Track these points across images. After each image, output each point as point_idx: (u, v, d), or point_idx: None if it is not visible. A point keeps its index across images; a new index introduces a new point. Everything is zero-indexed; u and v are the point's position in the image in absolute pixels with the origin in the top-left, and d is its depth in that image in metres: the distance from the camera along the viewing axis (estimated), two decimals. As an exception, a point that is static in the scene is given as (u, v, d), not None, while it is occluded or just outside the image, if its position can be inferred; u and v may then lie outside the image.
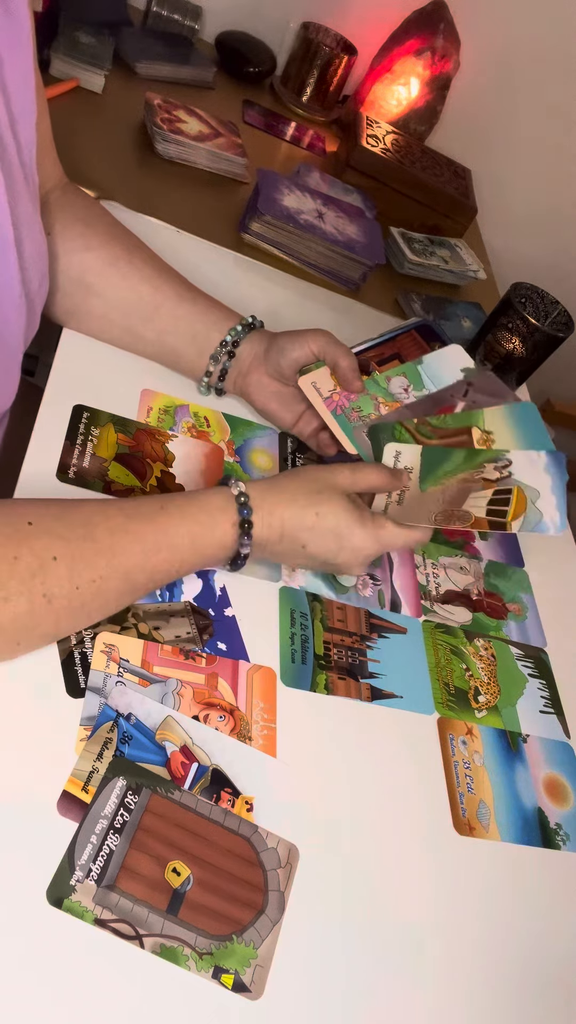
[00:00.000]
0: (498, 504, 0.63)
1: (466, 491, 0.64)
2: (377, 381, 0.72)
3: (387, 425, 0.69)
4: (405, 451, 0.67)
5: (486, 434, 0.66)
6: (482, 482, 0.64)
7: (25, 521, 0.49)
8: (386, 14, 1.34)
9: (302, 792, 0.56)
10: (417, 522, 0.64)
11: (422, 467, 0.66)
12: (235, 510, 0.58)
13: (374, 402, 0.71)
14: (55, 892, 0.45)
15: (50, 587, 0.49)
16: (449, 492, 0.64)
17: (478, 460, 0.65)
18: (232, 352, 0.72)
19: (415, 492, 0.65)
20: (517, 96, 1.43)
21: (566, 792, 0.67)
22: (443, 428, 0.68)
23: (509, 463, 0.64)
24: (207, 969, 0.47)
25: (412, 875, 0.57)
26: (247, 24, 1.37)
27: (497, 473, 0.64)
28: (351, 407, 0.71)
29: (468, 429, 0.67)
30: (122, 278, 0.70)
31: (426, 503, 0.65)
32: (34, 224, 0.58)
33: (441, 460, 0.66)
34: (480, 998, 0.54)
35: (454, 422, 0.68)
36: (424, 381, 0.73)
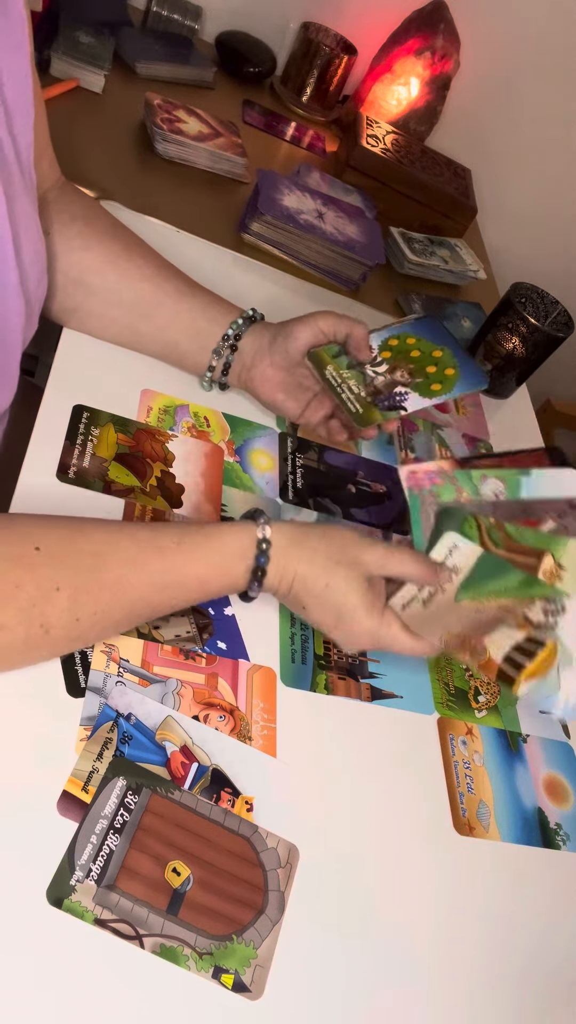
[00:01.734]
0: (522, 653, 0.57)
1: (499, 621, 0.57)
2: (471, 476, 0.63)
3: (459, 512, 0.61)
4: (463, 548, 0.58)
5: (558, 568, 0.57)
6: (522, 620, 0.57)
7: (32, 546, 0.47)
8: (386, 14, 1.34)
9: (302, 792, 0.56)
10: (431, 634, 0.58)
11: (470, 573, 0.58)
12: (253, 556, 0.55)
13: (458, 495, 0.63)
14: (55, 892, 0.45)
15: (49, 618, 0.47)
16: (482, 614, 0.57)
17: (533, 592, 0.57)
18: (234, 346, 0.72)
19: (447, 599, 0.58)
20: (517, 96, 1.43)
21: (566, 792, 0.67)
22: (517, 541, 0.59)
23: (562, 611, 0.56)
24: (207, 969, 0.47)
25: (412, 875, 0.57)
26: (247, 24, 1.37)
27: (543, 617, 0.56)
28: (430, 490, 0.63)
29: (542, 553, 0.58)
30: (121, 276, 0.70)
31: (451, 616, 0.58)
32: (32, 223, 0.58)
33: (494, 574, 0.58)
34: (480, 998, 0.53)
35: (532, 539, 0.59)
36: (522, 495, 0.63)
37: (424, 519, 0.62)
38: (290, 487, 0.75)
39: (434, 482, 0.63)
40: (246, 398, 0.79)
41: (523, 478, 0.62)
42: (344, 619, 0.57)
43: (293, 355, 0.71)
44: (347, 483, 0.79)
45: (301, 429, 0.80)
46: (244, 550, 0.55)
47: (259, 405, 0.79)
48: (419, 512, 0.63)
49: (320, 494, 0.76)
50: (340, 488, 0.78)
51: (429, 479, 0.63)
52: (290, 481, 0.75)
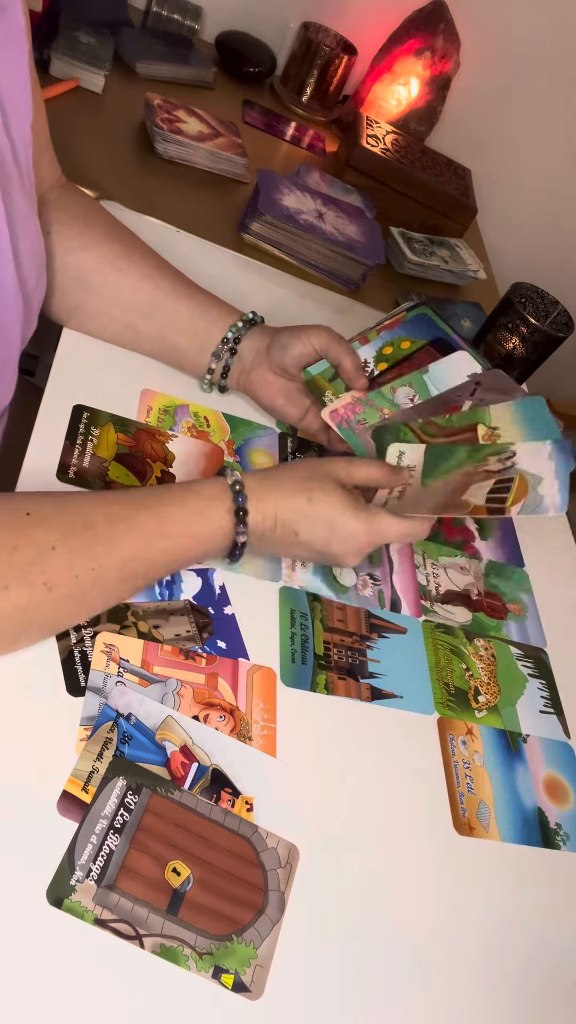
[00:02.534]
0: (499, 492, 0.63)
1: (468, 483, 0.63)
2: (383, 393, 0.70)
3: (392, 426, 0.68)
4: (408, 450, 0.65)
5: (492, 430, 0.65)
6: (485, 473, 0.64)
7: (23, 511, 0.49)
8: (386, 14, 1.34)
9: (302, 792, 0.56)
10: (417, 513, 0.63)
11: (425, 464, 0.65)
12: (230, 498, 0.58)
13: (379, 414, 0.70)
14: (55, 892, 0.45)
15: (50, 576, 0.49)
16: (451, 484, 0.64)
17: (482, 454, 0.64)
18: (234, 349, 0.73)
19: (416, 487, 0.65)
20: (517, 96, 1.43)
21: (566, 792, 0.67)
22: (448, 427, 0.66)
23: (513, 455, 0.63)
24: (207, 969, 0.47)
25: (412, 875, 0.57)
26: (247, 24, 1.37)
27: (500, 464, 0.63)
28: (356, 419, 0.70)
29: (473, 426, 0.66)
30: (121, 276, 0.70)
31: (427, 497, 0.64)
32: (30, 223, 0.58)
33: (445, 457, 0.65)
34: (480, 998, 0.53)
35: (460, 421, 0.66)
36: (431, 390, 0.71)
37: (365, 444, 0.69)
38: (290, 487, 0.75)
39: (356, 410, 0.70)
40: (246, 398, 0.79)
41: (425, 376, 0.71)
42: (337, 524, 0.60)
43: (287, 367, 0.71)
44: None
45: (303, 431, 0.80)
46: (220, 493, 0.58)
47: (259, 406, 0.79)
48: (358, 442, 0.70)
49: (320, 494, 0.76)
50: (340, 488, 0.78)
51: (351, 410, 0.70)
52: (290, 481, 0.75)
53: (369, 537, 0.61)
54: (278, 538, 0.61)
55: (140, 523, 0.54)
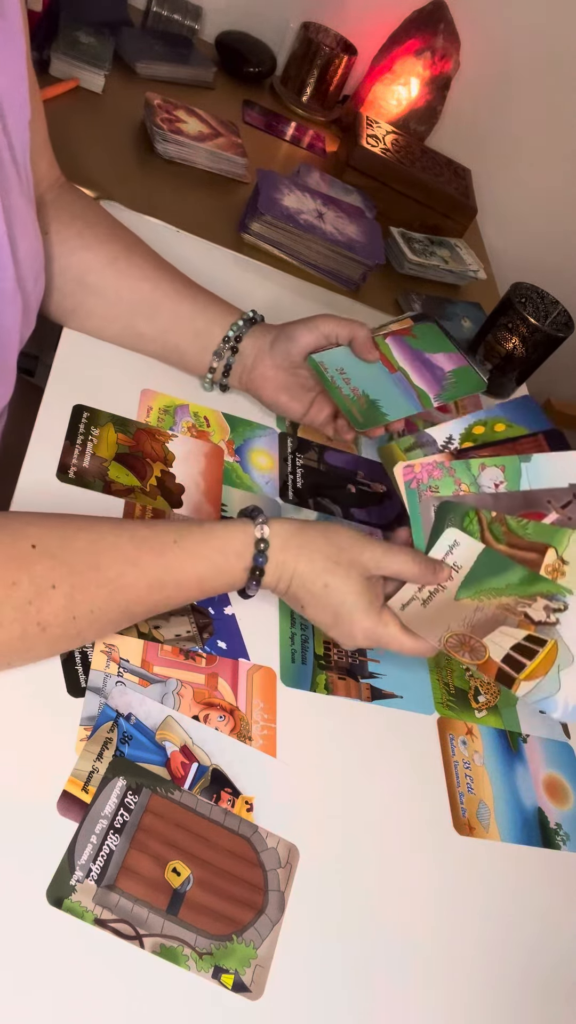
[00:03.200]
0: (522, 653, 0.56)
1: (499, 620, 0.56)
2: (470, 466, 0.61)
3: (460, 507, 0.59)
4: (464, 544, 0.57)
5: (561, 562, 0.55)
6: (523, 618, 0.56)
7: (29, 543, 0.47)
8: (386, 14, 1.34)
9: (302, 792, 0.56)
10: (430, 634, 0.57)
11: (472, 570, 0.57)
12: (251, 556, 0.55)
13: (456, 488, 0.61)
14: (55, 892, 0.45)
15: (45, 616, 0.47)
16: (482, 613, 0.56)
17: (534, 589, 0.55)
18: (235, 347, 0.73)
19: (447, 597, 0.57)
20: (517, 96, 1.43)
21: (566, 792, 0.67)
22: (519, 535, 0.57)
23: (564, 608, 0.55)
24: (207, 969, 0.47)
25: (412, 875, 0.57)
26: (247, 24, 1.37)
27: (544, 615, 0.55)
28: (428, 484, 0.61)
29: (545, 548, 0.56)
30: (121, 276, 0.70)
31: (450, 615, 0.57)
32: (28, 222, 0.58)
33: (496, 571, 0.56)
34: (480, 998, 0.53)
35: (534, 533, 0.57)
36: (523, 483, 0.60)
37: (424, 515, 0.61)
38: (290, 487, 0.75)
39: (432, 475, 0.61)
40: (246, 398, 0.79)
41: (523, 464, 0.60)
42: (342, 619, 0.57)
43: (294, 357, 0.71)
44: (347, 483, 0.79)
45: (303, 428, 0.80)
46: (242, 550, 0.55)
47: (259, 405, 0.79)
48: (418, 508, 0.61)
49: (320, 494, 0.76)
50: (340, 488, 0.78)
51: (427, 472, 0.61)
52: (290, 481, 0.75)
53: (369, 642, 0.58)
54: (286, 597, 0.59)
55: (150, 569, 0.52)
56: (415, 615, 0.58)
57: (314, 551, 0.57)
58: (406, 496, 0.62)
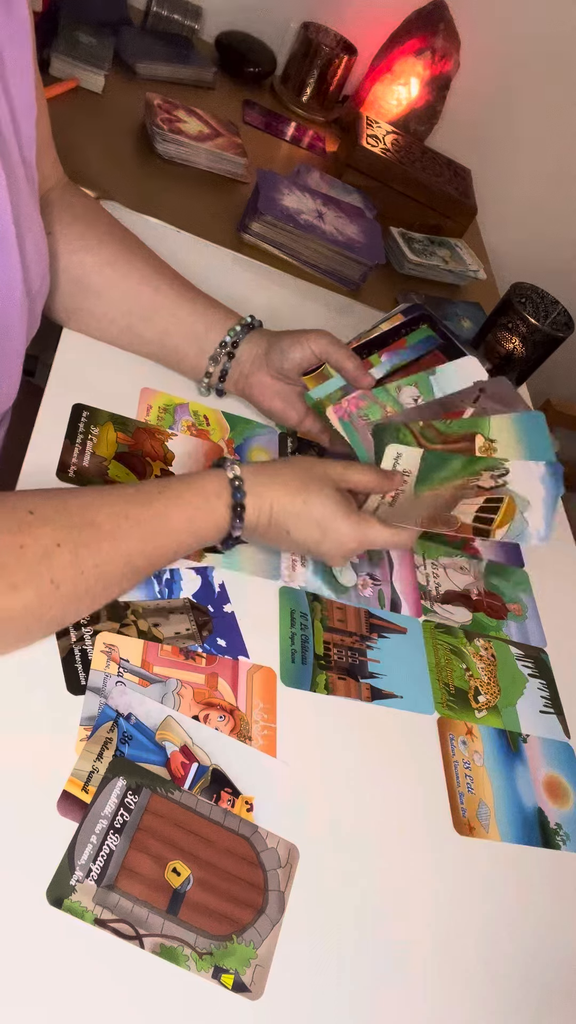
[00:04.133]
0: (487, 512, 0.63)
1: (459, 497, 0.64)
2: (388, 390, 0.70)
3: (392, 426, 0.68)
4: (406, 454, 0.66)
5: (489, 442, 0.65)
6: (476, 489, 0.64)
7: (26, 511, 0.50)
8: (386, 14, 1.34)
9: (302, 792, 0.56)
10: (405, 523, 0.63)
11: (420, 471, 0.65)
12: (229, 493, 0.59)
13: (383, 411, 0.70)
14: (55, 892, 0.45)
15: (56, 573, 0.49)
16: (442, 497, 0.64)
17: (476, 467, 0.64)
18: (232, 353, 0.72)
19: (409, 495, 0.65)
20: (517, 96, 1.43)
21: (566, 792, 0.67)
22: (447, 433, 0.67)
23: (506, 472, 0.63)
24: (207, 969, 0.47)
25: (412, 875, 0.57)
26: (247, 24, 1.37)
27: (492, 482, 0.63)
28: (358, 413, 0.70)
29: (472, 435, 0.66)
30: (122, 278, 0.70)
31: (417, 506, 0.64)
32: (35, 223, 0.58)
33: (440, 465, 0.65)
34: (480, 998, 0.53)
35: (459, 428, 0.67)
36: (435, 392, 0.71)
37: (364, 441, 0.70)
38: (290, 487, 0.75)
39: (360, 404, 0.70)
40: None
41: (431, 378, 0.71)
42: (328, 528, 0.61)
43: (286, 371, 0.71)
44: (347, 483, 0.79)
45: (303, 432, 0.80)
46: (220, 489, 0.59)
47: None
48: (357, 437, 0.70)
49: (320, 494, 0.76)
50: (340, 488, 0.78)
51: (354, 404, 0.70)
52: (290, 481, 0.75)
53: (357, 542, 0.62)
54: (270, 533, 0.62)
55: (142, 520, 0.55)
56: (386, 515, 0.65)
57: (286, 477, 0.61)
58: (343, 429, 0.70)
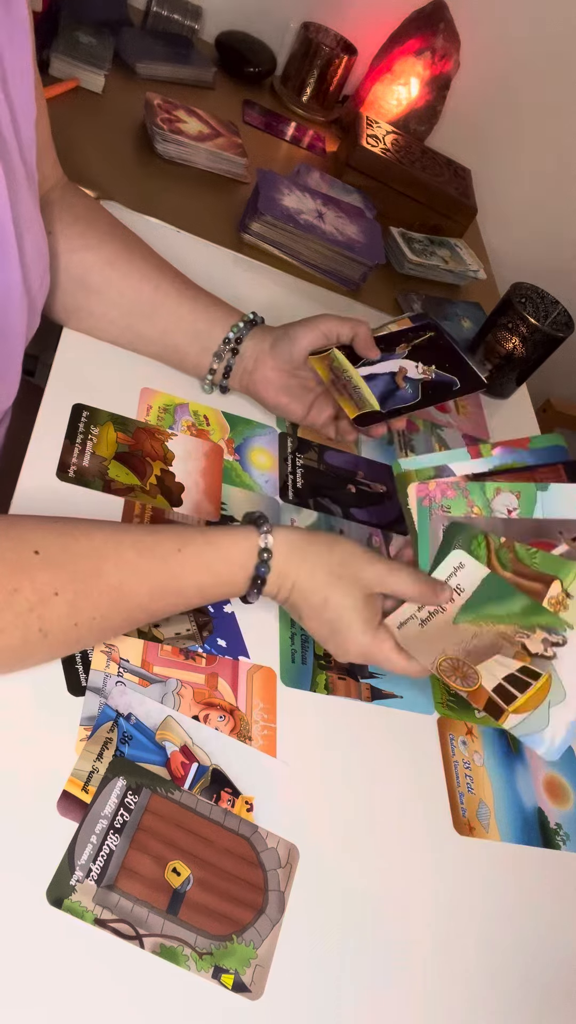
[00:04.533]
0: (515, 684, 0.55)
1: (496, 648, 0.56)
2: (484, 489, 0.60)
3: (469, 529, 0.58)
4: (469, 567, 0.57)
5: (566, 596, 0.55)
6: (519, 649, 0.55)
7: (32, 549, 0.47)
8: (386, 14, 1.34)
9: (302, 792, 0.56)
10: (424, 655, 0.57)
11: (474, 595, 0.57)
12: (254, 566, 0.55)
13: (469, 510, 0.60)
14: (55, 892, 0.45)
15: (47, 623, 0.47)
16: (480, 639, 0.56)
17: (535, 620, 0.55)
18: (235, 349, 0.72)
19: (446, 619, 0.57)
20: (517, 96, 1.43)
21: (566, 792, 0.67)
22: (526, 564, 0.56)
23: (563, 643, 0.54)
24: (207, 969, 0.47)
25: (412, 875, 0.57)
26: (247, 24, 1.37)
27: (542, 648, 0.55)
28: (442, 503, 0.60)
29: (551, 579, 0.55)
30: (122, 277, 0.70)
31: (447, 639, 0.57)
32: (35, 222, 0.58)
33: (498, 598, 0.56)
34: (480, 998, 0.53)
35: (542, 563, 0.56)
36: (537, 512, 0.59)
37: (432, 534, 0.60)
38: (290, 487, 0.75)
39: (446, 495, 0.60)
40: (246, 397, 0.79)
41: (539, 492, 0.59)
42: (338, 633, 0.57)
43: (295, 358, 0.71)
44: (347, 483, 0.79)
45: (304, 429, 0.80)
46: (245, 559, 0.55)
47: (259, 405, 0.79)
48: (427, 526, 0.60)
49: (320, 494, 0.76)
50: (340, 488, 0.78)
51: (440, 492, 0.60)
52: (290, 481, 0.75)
53: (363, 659, 0.58)
54: (284, 605, 0.59)
55: (152, 577, 0.51)
56: (411, 635, 0.58)
57: (316, 564, 0.56)
58: (416, 513, 0.61)
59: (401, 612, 0.58)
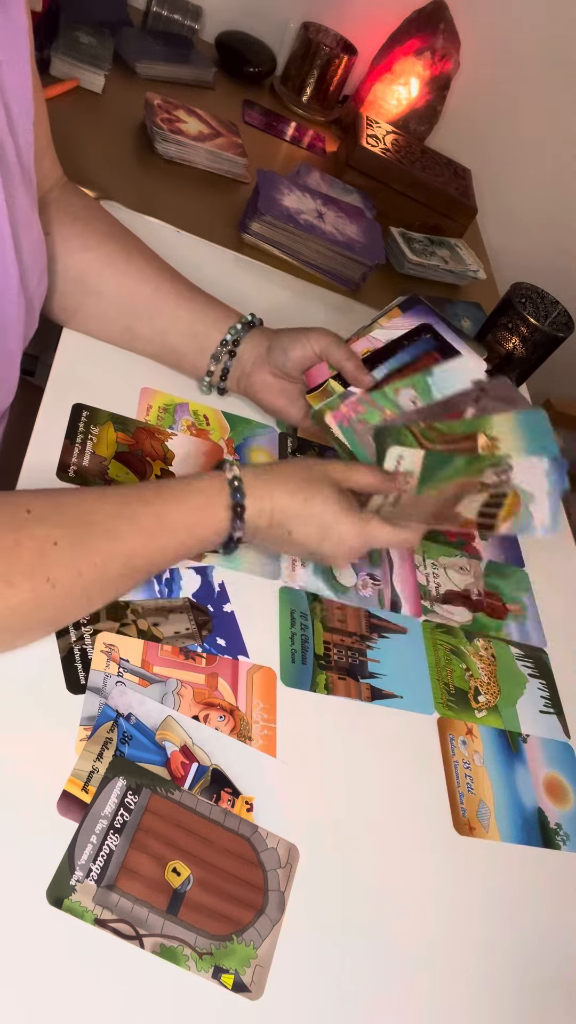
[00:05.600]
0: (491, 507, 0.62)
1: (462, 494, 0.63)
2: (385, 393, 0.69)
3: (393, 428, 0.67)
4: (408, 455, 0.65)
5: (491, 440, 0.64)
6: (480, 486, 0.63)
7: (23, 509, 0.49)
8: (386, 14, 1.34)
9: (302, 792, 0.56)
10: (409, 522, 0.63)
11: (422, 471, 0.65)
12: (228, 494, 0.58)
13: (382, 414, 0.69)
14: (55, 892, 0.45)
15: (53, 572, 0.49)
16: (445, 495, 0.63)
17: (480, 465, 0.63)
18: (233, 351, 0.72)
19: (411, 495, 0.65)
20: (517, 96, 1.43)
21: (566, 792, 0.67)
22: (449, 434, 0.65)
23: (510, 468, 0.62)
24: (207, 969, 0.47)
25: (412, 875, 0.57)
26: (247, 24, 1.37)
27: (496, 478, 0.63)
28: (357, 419, 0.69)
29: (474, 435, 0.65)
30: (121, 278, 0.70)
31: (421, 505, 0.64)
32: (32, 223, 0.58)
33: (442, 465, 0.64)
34: (480, 998, 0.53)
35: (461, 428, 0.65)
36: (434, 393, 0.70)
37: (365, 446, 0.69)
38: (290, 487, 0.75)
39: (358, 410, 0.69)
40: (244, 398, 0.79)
41: (428, 379, 0.70)
42: (329, 528, 0.60)
43: (287, 369, 0.71)
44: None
45: (304, 431, 0.80)
46: (219, 490, 0.58)
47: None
48: (356, 441, 0.69)
49: (320, 494, 0.76)
50: (340, 488, 0.78)
51: (353, 409, 0.69)
52: (290, 481, 0.75)
53: (360, 541, 0.61)
54: (272, 535, 0.61)
55: (140, 520, 0.54)
56: (390, 513, 0.64)
57: (286, 476, 0.61)
58: (343, 435, 0.69)
59: (372, 503, 0.65)
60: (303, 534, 0.61)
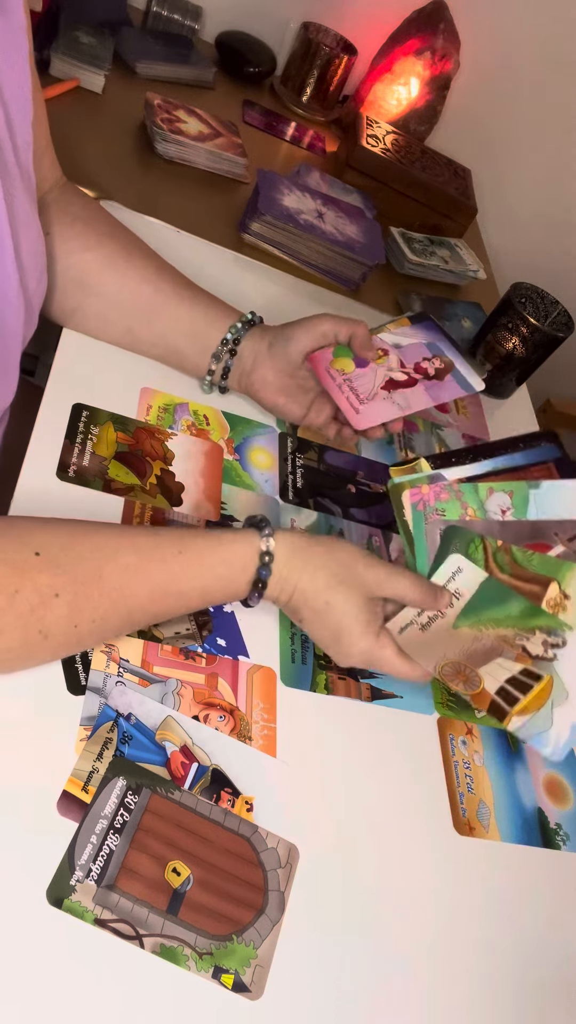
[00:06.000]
0: (517, 687, 0.55)
1: (497, 652, 0.55)
2: (477, 490, 0.60)
3: (466, 533, 0.58)
4: (467, 571, 0.56)
5: (562, 597, 0.55)
6: (520, 652, 0.55)
7: (32, 551, 0.47)
8: (386, 14, 1.34)
9: (302, 792, 0.56)
10: (426, 660, 0.57)
11: (472, 599, 0.56)
12: (255, 568, 0.55)
13: (463, 512, 0.59)
14: (55, 892, 0.45)
15: (47, 625, 0.47)
16: (480, 643, 0.56)
17: (534, 623, 0.55)
18: (234, 350, 0.72)
19: (446, 624, 0.57)
20: (517, 96, 1.43)
21: (566, 792, 0.67)
22: (523, 566, 0.56)
23: (563, 644, 0.54)
24: (207, 969, 0.47)
25: (412, 875, 0.56)
26: (247, 24, 1.37)
27: (542, 649, 0.54)
28: (436, 506, 0.60)
29: (548, 581, 0.55)
30: (121, 278, 0.70)
31: (448, 643, 0.57)
32: (31, 223, 0.58)
33: (497, 602, 0.56)
34: (480, 998, 0.53)
35: (539, 564, 0.56)
36: (530, 510, 0.59)
37: (429, 539, 0.60)
38: (290, 487, 0.75)
39: (439, 498, 0.60)
40: (246, 396, 0.79)
41: (532, 491, 0.59)
42: (340, 637, 0.57)
43: (293, 358, 0.71)
44: (347, 483, 0.79)
45: (304, 429, 0.80)
46: (246, 562, 0.55)
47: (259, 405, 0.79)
48: (423, 530, 0.60)
49: (320, 494, 0.76)
50: (340, 488, 0.78)
51: (434, 495, 0.60)
52: (290, 481, 0.75)
53: (365, 660, 0.58)
54: (286, 609, 0.59)
55: (153, 578, 0.51)
56: (412, 640, 0.57)
57: (318, 567, 0.56)
58: (412, 518, 0.60)
59: (401, 617, 0.58)
60: (313, 630, 0.58)
